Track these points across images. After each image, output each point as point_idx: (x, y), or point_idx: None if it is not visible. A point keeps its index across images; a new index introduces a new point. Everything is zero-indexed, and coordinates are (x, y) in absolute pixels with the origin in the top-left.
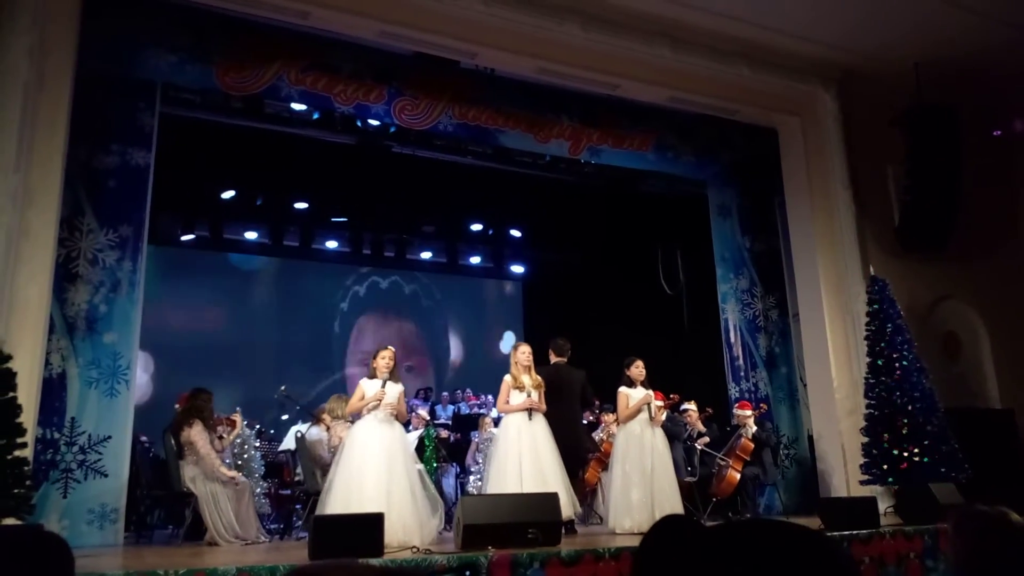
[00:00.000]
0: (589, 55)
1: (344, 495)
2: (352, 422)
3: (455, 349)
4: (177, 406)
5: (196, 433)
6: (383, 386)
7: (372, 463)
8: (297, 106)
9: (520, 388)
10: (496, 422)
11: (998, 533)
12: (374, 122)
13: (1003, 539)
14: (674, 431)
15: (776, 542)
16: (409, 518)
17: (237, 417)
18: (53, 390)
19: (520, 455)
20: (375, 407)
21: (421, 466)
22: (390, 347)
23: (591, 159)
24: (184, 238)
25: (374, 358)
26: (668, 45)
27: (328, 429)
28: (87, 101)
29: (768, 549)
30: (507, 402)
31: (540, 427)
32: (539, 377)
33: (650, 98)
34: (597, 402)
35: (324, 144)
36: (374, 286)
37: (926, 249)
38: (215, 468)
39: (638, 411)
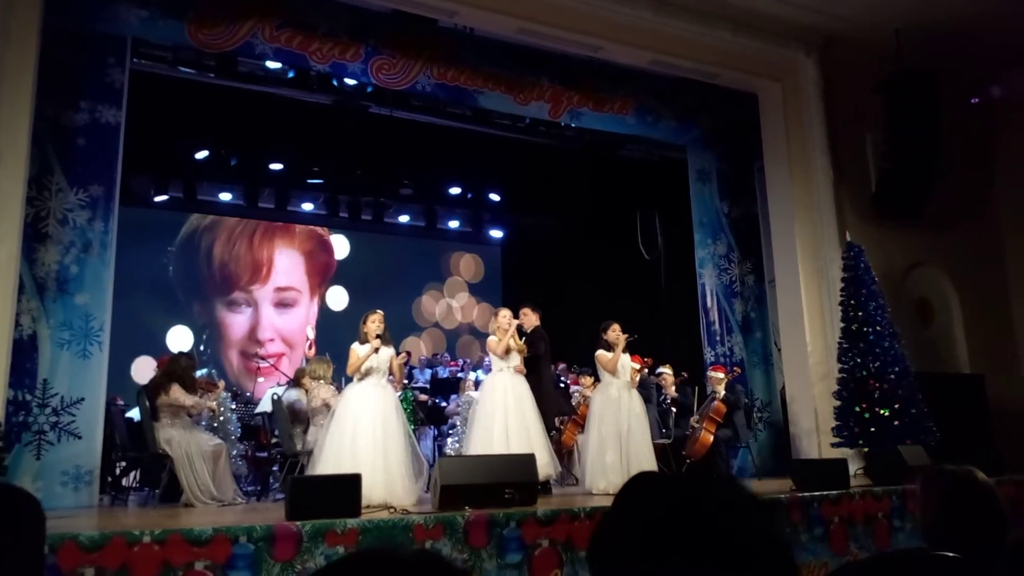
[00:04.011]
0: (571, 15)
1: (337, 455)
2: (334, 385)
3: (425, 313)
4: (156, 370)
5: (175, 393)
6: (376, 351)
7: (367, 424)
8: (272, 64)
9: (506, 351)
10: (477, 385)
11: (965, 492)
12: (351, 81)
13: (970, 498)
14: (645, 394)
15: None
16: (405, 478)
17: (221, 382)
18: (24, 351)
19: (506, 413)
20: (370, 368)
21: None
22: (379, 311)
23: (571, 122)
24: (157, 199)
25: (363, 323)
26: (650, 7)
27: (307, 392)
28: (54, 56)
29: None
30: (497, 351)
31: (523, 387)
32: (522, 343)
33: (632, 61)
34: (564, 365)
35: (300, 104)
36: (341, 249)
37: (902, 216)
38: (204, 406)
39: (617, 363)
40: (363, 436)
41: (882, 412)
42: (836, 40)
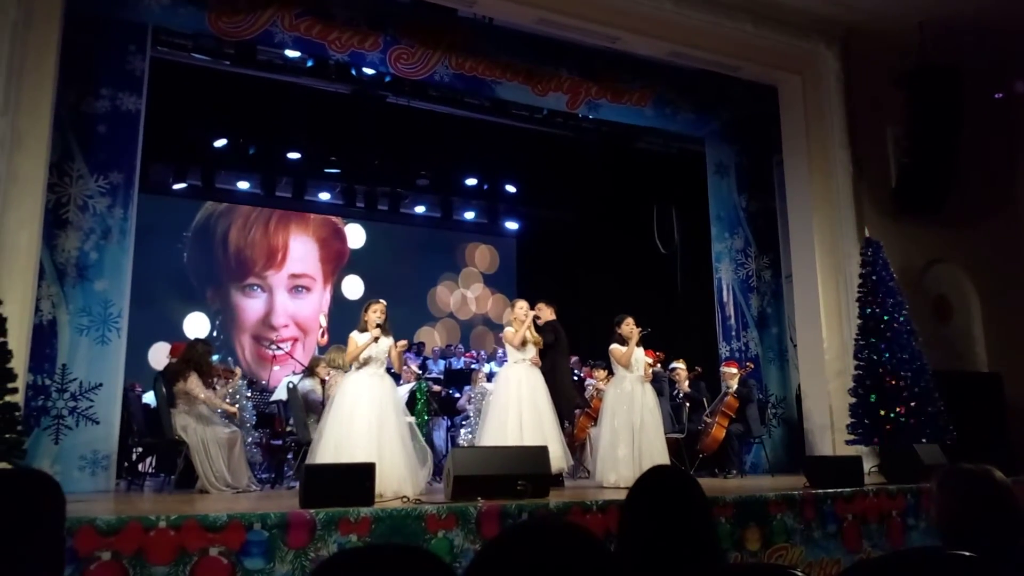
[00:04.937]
0: (589, 6)
1: (334, 445)
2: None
3: (440, 303)
4: (169, 357)
5: (192, 383)
6: (376, 340)
7: (362, 414)
8: (291, 53)
9: (523, 343)
10: (489, 377)
11: (982, 491)
12: (369, 71)
13: (987, 497)
14: (657, 388)
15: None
16: (401, 468)
17: (238, 369)
18: (44, 336)
19: (520, 405)
20: (369, 358)
21: (411, 418)
22: (381, 300)
23: (589, 114)
24: (176, 187)
25: (364, 311)
26: None
27: (323, 382)
28: (76, 43)
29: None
30: (514, 342)
31: (538, 380)
32: (538, 335)
33: (650, 52)
34: (577, 358)
35: (318, 93)
36: (357, 238)
37: (922, 212)
38: (218, 406)
39: (631, 356)
40: (358, 426)
41: (898, 410)
42: (858, 32)
